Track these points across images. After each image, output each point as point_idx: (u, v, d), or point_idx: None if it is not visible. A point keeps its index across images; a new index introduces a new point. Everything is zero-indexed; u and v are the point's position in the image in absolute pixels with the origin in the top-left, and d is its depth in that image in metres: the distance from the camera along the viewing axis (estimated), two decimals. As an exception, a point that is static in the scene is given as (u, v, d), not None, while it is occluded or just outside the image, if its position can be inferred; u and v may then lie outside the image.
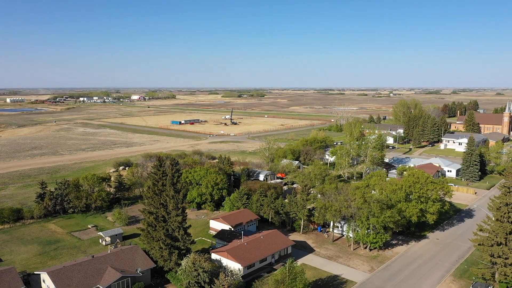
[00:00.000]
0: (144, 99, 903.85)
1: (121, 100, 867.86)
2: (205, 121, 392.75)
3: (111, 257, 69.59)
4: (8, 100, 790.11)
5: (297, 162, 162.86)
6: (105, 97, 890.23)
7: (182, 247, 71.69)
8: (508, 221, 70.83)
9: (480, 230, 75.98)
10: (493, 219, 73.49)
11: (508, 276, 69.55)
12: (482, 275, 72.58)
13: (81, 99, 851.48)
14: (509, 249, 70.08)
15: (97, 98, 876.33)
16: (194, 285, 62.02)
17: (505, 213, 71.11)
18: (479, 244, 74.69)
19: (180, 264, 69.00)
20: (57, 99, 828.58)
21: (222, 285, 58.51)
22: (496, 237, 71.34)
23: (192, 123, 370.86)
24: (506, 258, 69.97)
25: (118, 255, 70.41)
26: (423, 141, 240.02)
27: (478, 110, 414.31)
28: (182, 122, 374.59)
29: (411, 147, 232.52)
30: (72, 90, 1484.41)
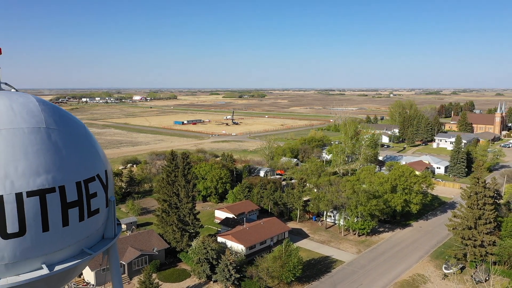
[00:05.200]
0: (146, 99, 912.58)
1: (123, 100, 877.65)
2: (209, 121, 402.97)
3: (131, 239, 79.82)
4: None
5: (295, 160, 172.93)
6: (107, 98, 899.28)
7: (192, 231, 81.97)
8: (477, 208, 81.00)
9: (454, 216, 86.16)
10: (465, 206, 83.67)
11: (477, 255, 79.71)
12: (455, 255, 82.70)
13: (84, 99, 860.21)
14: (478, 232, 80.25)
15: (99, 98, 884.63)
16: (204, 261, 72.20)
17: (474, 201, 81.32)
18: (453, 229, 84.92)
19: (191, 245, 79.20)
20: (60, 100, 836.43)
21: (228, 260, 68.67)
22: (467, 222, 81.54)
23: (195, 123, 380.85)
24: (475, 240, 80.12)
25: (137, 237, 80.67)
26: (416, 140, 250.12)
27: (474, 111, 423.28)
28: (185, 122, 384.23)
29: (405, 146, 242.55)
30: (73, 91, 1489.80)
